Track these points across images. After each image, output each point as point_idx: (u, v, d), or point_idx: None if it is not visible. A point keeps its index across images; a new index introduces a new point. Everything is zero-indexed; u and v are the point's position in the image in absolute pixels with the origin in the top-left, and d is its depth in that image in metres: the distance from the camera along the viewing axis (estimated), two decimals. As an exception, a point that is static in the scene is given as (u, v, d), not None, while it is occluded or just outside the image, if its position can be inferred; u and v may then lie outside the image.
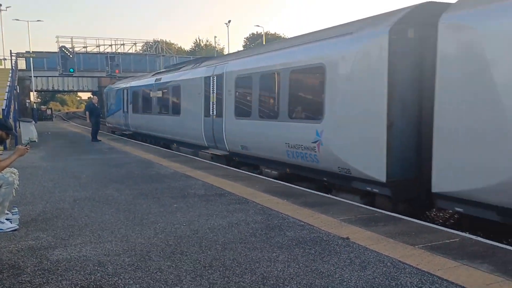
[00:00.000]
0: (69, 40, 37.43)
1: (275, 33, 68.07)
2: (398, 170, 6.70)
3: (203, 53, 61.78)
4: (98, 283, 3.75)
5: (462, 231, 5.47)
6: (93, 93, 45.59)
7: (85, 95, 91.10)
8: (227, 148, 11.73)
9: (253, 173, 10.36)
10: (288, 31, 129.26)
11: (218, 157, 12.23)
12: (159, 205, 6.70)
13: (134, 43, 41.31)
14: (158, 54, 40.44)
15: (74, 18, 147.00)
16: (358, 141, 7.18)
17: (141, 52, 46.54)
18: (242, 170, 10.79)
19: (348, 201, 7.15)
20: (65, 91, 52.96)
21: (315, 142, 8.01)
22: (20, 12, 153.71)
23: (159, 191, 7.78)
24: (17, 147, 5.87)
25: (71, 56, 34.12)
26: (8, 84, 21.46)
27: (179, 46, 77.23)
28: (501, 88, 5.11)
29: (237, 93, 11.18)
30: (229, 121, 11.43)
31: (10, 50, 33.67)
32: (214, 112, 12.32)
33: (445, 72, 5.78)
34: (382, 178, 6.71)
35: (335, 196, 7.78)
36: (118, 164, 11.43)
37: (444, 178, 5.85)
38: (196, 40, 78.18)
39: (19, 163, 10.18)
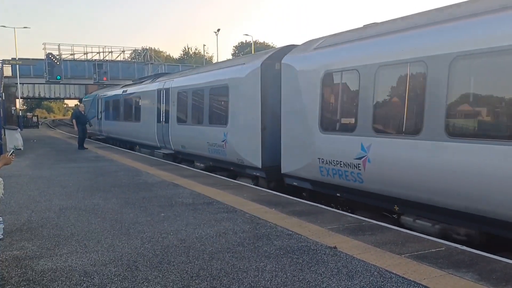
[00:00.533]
0: (56, 47, 37.10)
1: (264, 42, 68.62)
2: (268, 159, 9.57)
3: (192, 61, 61.86)
4: (83, 294, 3.70)
5: (448, 241, 5.53)
6: (80, 100, 45.23)
7: (72, 103, 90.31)
8: (172, 148, 14.74)
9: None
10: (276, 40, 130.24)
11: (167, 155, 15.17)
12: (146, 214, 6.65)
13: (122, 51, 41.10)
14: (147, 62, 40.26)
15: (61, 25, 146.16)
16: (246, 140, 10.09)
17: (129, 59, 46.38)
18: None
19: (335, 210, 7.21)
20: (51, 98, 52.42)
21: (223, 141, 11.00)
22: (6, 19, 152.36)
23: (146, 200, 7.73)
24: (2, 156, 5.80)
25: (58, 63, 33.79)
26: (-7, 91, 21.18)
27: (168, 54, 77.25)
28: (305, 100, 8.12)
29: (178, 104, 14.15)
30: (173, 126, 14.42)
31: (-4, 57, 33.23)
32: (163, 119, 15.26)
33: (284, 92, 8.82)
34: (259, 165, 9.64)
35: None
36: (105, 173, 11.33)
37: (285, 163, 8.80)
38: (185, 48, 78.38)
39: (4, 171, 10.03)
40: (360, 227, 5.96)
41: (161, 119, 15.37)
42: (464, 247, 5.06)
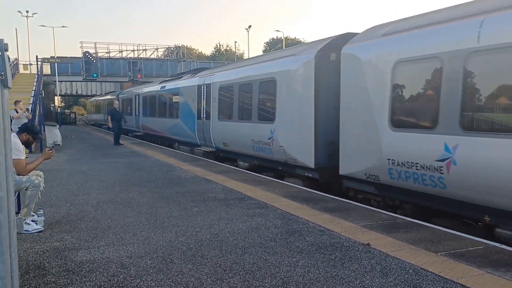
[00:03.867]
0: (93, 45, 38.20)
1: (295, 37, 68.15)
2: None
3: (223, 58, 62.23)
4: (120, 285, 3.81)
5: (486, 239, 5.36)
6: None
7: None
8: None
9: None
10: (308, 36, 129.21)
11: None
12: (180, 209, 6.77)
13: (156, 49, 41.88)
14: (179, 59, 40.86)
15: (97, 24, 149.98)
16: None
17: (162, 57, 47.16)
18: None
19: (368, 207, 7.10)
20: (88, 96, 53.96)
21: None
22: (45, 18, 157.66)
23: (180, 195, 7.87)
24: (44, 151, 6.04)
25: (94, 61, 34.82)
26: (33, 89, 22.03)
27: (199, 51, 77.97)
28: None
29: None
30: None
31: (36, 56, 34.51)
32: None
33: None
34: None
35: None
36: (140, 168, 11.60)
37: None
38: (216, 45, 79.01)
39: (45, 166, 10.45)
40: (394, 224, 5.86)
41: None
42: (504, 246, 4.89)
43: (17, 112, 14.23)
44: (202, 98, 14.85)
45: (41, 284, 3.83)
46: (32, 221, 5.62)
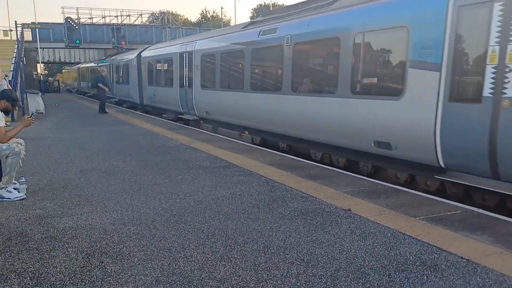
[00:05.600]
0: (75, 11, 37.08)
1: (283, 4, 66.90)
2: None
3: (209, 25, 60.98)
4: (103, 251, 3.84)
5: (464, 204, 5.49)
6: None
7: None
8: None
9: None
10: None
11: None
12: (164, 176, 6.77)
13: (140, 14, 40.84)
14: (164, 25, 39.95)
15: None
16: None
17: (147, 23, 46.07)
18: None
19: (351, 174, 7.18)
20: (72, 63, 52.78)
21: None
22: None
23: (165, 163, 7.85)
24: (23, 118, 5.94)
25: (76, 27, 33.85)
26: (14, 56, 21.43)
27: (185, 17, 76.24)
28: None
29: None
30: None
31: (15, 21, 33.45)
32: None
33: None
34: None
35: None
36: (124, 136, 11.51)
37: None
38: (202, 11, 77.26)
39: (27, 134, 10.30)
40: (376, 190, 5.96)
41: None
42: (481, 210, 5.03)
43: (11, 79, 13.93)
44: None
45: (23, 250, 3.84)
46: (14, 189, 5.58)
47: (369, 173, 7.66)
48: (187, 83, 14.61)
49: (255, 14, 68.80)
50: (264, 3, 66.63)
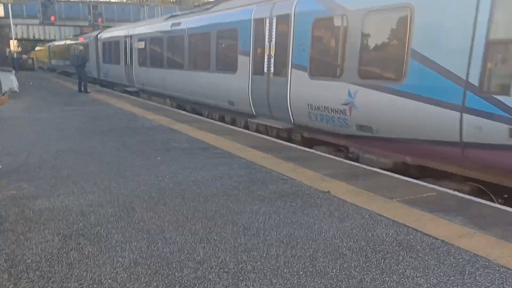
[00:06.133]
0: (49, -14, 35.81)
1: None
2: None
3: (189, 4, 59.80)
4: (80, 232, 3.79)
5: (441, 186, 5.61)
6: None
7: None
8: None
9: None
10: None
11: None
12: (143, 158, 6.69)
13: (117, -8, 39.78)
14: (142, 3, 39.09)
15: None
16: None
17: (124, 1, 44.92)
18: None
19: (331, 156, 7.24)
20: (46, 41, 51.25)
21: None
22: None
23: (143, 144, 7.76)
24: (-5, 97, 5.75)
25: (51, 3, 32.77)
26: (-15, 32, 20.63)
27: (164, -5, 74.49)
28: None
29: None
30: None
31: (-13, -4, 32.15)
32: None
33: None
34: None
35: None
36: (103, 117, 11.30)
37: None
38: (182, -11, 75.45)
39: (0, 114, 10.00)
40: (354, 173, 6.02)
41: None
42: (456, 192, 5.15)
43: None
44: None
45: (-3, 232, 3.76)
46: (-14, 170, 5.44)
47: (228, 122, 11.66)
48: (129, 61, 18.27)
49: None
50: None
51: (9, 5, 33.45)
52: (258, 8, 9.56)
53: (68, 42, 32.27)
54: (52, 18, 33.33)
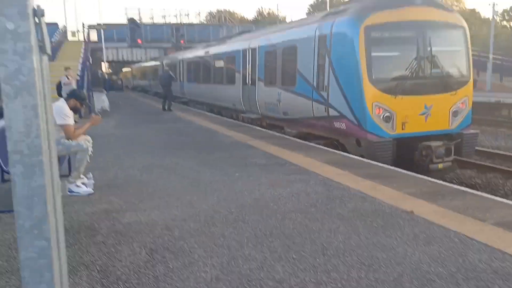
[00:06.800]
0: (137, 11, 38.62)
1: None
2: None
3: (265, 22, 61.10)
4: (165, 246, 3.96)
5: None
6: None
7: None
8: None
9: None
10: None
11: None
12: (222, 174, 6.87)
13: (198, 13, 41.79)
14: (222, 24, 40.61)
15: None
16: None
17: (205, 22, 47.00)
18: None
19: (412, 173, 6.92)
20: (134, 62, 55.04)
21: None
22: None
23: (222, 160, 7.97)
24: (91, 116, 6.25)
25: (139, 27, 35.26)
26: (81, 56, 22.66)
27: (242, 15, 76.94)
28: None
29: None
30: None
31: (83, 23, 35.38)
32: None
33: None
34: None
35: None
36: (184, 133, 11.83)
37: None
38: (258, 9, 77.49)
39: (93, 131, 10.81)
40: (440, 191, 5.68)
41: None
42: (559, 217, 4.66)
43: (67, 78, 14.79)
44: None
45: (92, 244, 4.04)
46: (82, 183, 5.90)
47: (233, 117, 16.25)
48: (182, 79, 23.98)
49: (311, 10, 68.04)
50: (321, -2, 65.52)
51: (102, 31, 36.48)
52: (244, 43, 14.88)
53: (144, 64, 39.09)
54: (139, 41, 35.75)
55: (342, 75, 9.04)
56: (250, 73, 13.96)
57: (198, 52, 21.35)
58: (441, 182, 6.33)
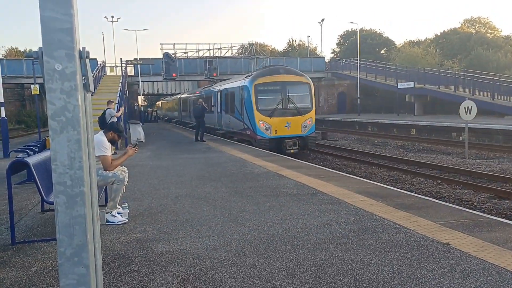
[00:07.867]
0: (172, 46, 39.98)
1: (371, 29, 65.81)
2: None
3: (296, 53, 61.95)
4: (197, 276, 4.00)
5: None
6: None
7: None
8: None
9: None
10: (383, 26, 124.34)
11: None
12: (253, 203, 6.91)
13: (230, 47, 42.81)
14: (253, 56, 41.43)
15: (176, 25, 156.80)
16: None
17: (236, 55, 48.11)
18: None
19: (448, 204, 6.75)
20: (168, 95, 56.67)
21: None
22: (128, 22, 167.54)
23: (253, 190, 8.03)
24: (127, 148, 6.48)
25: (173, 61, 36.44)
26: (119, 89, 23.57)
27: (272, 47, 78.33)
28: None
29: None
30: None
31: (121, 58, 36.93)
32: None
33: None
34: None
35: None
36: (216, 163, 12.00)
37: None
38: (289, 40, 78.68)
39: (129, 162, 11.18)
40: (477, 223, 5.52)
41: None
42: None
43: (116, 111, 15.85)
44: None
45: (125, 272, 4.14)
46: (117, 213, 6.06)
47: (236, 140, 20.52)
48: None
49: (341, 41, 68.57)
50: (351, 29, 66.16)
51: (138, 65, 37.92)
52: (216, 88, 24.51)
53: (167, 98, 49.83)
54: (174, 74, 36.89)
55: (247, 107, 17.81)
56: (218, 105, 23.15)
57: (189, 94, 35.94)
58: (478, 213, 6.14)
